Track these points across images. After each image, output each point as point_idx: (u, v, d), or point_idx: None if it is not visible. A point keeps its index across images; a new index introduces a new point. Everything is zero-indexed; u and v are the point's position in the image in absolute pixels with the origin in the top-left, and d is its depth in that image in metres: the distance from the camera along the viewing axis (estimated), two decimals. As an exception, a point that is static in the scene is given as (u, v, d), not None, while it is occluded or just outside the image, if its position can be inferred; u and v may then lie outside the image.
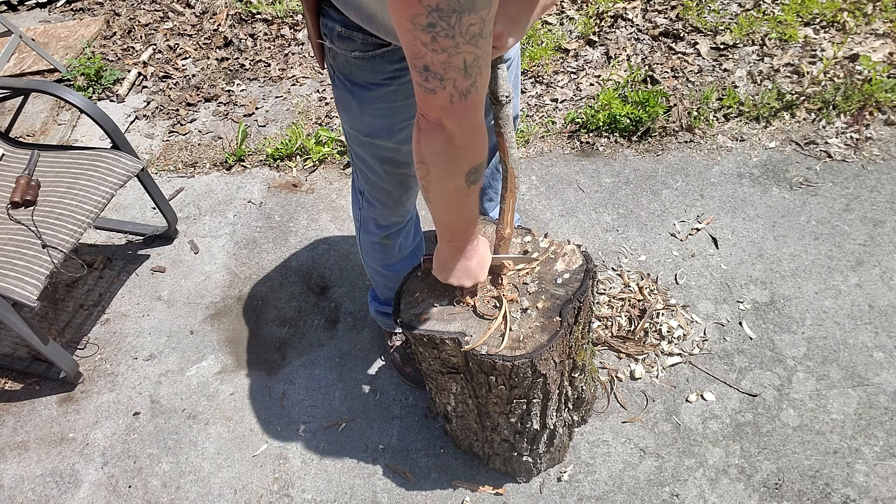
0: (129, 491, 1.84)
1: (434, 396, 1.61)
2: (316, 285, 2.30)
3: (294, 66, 3.30)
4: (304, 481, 1.80)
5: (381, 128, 1.30)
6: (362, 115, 1.28)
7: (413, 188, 1.56)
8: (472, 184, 1.02)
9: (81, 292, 2.38)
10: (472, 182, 1.02)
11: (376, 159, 1.40)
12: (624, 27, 3.13)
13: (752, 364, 1.88)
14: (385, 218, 1.59)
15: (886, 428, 1.71)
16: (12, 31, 3.22)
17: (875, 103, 2.50)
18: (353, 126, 1.35)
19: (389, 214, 1.58)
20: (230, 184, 2.74)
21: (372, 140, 1.34)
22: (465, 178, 1.00)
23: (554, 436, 1.60)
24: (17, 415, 2.06)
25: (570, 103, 2.82)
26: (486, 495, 1.71)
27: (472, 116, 0.90)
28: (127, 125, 3.09)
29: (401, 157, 1.39)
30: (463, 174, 0.99)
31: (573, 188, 2.47)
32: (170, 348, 2.17)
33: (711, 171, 2.44)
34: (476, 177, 1.01)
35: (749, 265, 2.12)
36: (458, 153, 0.95)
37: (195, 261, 2.44)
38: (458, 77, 0.83)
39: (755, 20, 2.96)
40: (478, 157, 0.99)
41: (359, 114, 1.29)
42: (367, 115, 1.28)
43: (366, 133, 1.33)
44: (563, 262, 1.39)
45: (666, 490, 1.67)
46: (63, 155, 2.18)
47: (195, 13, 3.75)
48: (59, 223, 1.96)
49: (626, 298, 2.06)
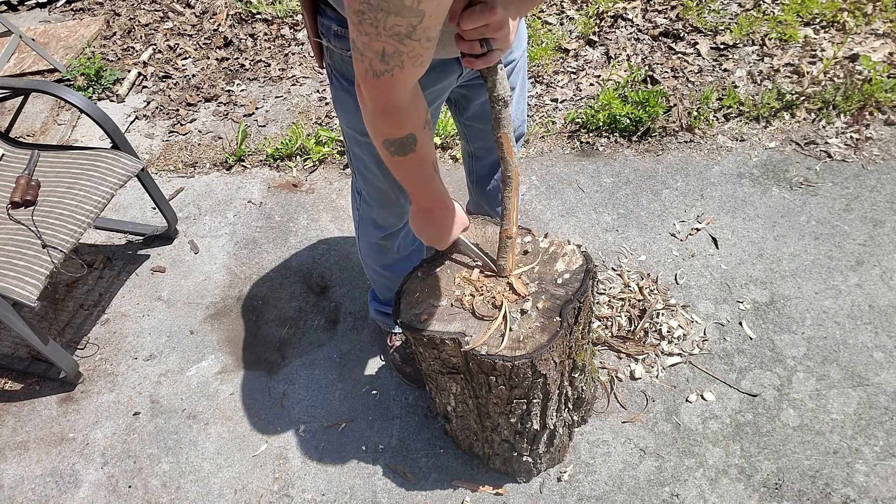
0: (129, 491, 1.84)
1: (434, 396, 1.61)
2: (316, 285, 2.30)
3: (294, 66, 3.30)
4: (304, 481, 1.80)
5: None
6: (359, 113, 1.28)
7: None
8: (394, 154, 1.11)
9: (81, 292, 2.38)
10: (395, 153, 1.11)
11: (373, 159, 1.40)
12: (624, 27, 3.13)
13: (752, 364, 1.88)
14: (383, 219, 1.60)
15: (886, 428, 1.71)
16: (12, 31, 3.22)
17: (875, 103, 2.50)
18: (350, 125, 1.35)
19: (387, 215, 1.58)
20: (230, 184, 2.74)
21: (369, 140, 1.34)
22: (384, 146, 1.10)
23: (554, 436, 1.60)
24: (17, 415, 2.06)
25: (570, 103, 2.82)
26: (486, 495, 1.71)
27: (382, 96, 0.99)
28: (127, 125, 3.09)
29: None
30: (381, 141, 1.09)
31: (573, 188, 2.47)
32: (170, 348, 2.17)
33: (711, 171, 2.44)
34: (396, 149, 1.10)
35: (749, 265, 2.12)
36: (370, 120, 1.06)
37: (195, 261, 2.44)
38: (374, 59, 0.91)
39: (755, 20, 2.96)
40: (391, 133, 1.07)
41: (355, 113, 1.29)
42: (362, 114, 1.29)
43: (362, 132, 1.33)
44: (563, 262, 1.39)
45: (666, 490, 1.67)
46: (63, 155, 2.18)
47: (195, 13, 3.75)
48: (59, 223, 1.96)
49: (626, 298, 2.06)
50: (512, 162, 1.19)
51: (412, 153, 1.12)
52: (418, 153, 1.12)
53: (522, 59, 1.49)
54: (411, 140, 1.09)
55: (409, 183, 1.22)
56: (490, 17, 0.94)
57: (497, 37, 0.98)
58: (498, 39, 0.99)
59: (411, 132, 1.08)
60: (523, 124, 1.65)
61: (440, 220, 1.32)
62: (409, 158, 1.13)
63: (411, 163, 1.14)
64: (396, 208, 1.56)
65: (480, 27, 0.95)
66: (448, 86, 1.34)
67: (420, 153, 1.13)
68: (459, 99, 1.51)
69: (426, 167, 1.18)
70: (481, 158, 1.72)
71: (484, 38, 0.98)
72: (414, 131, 1.08)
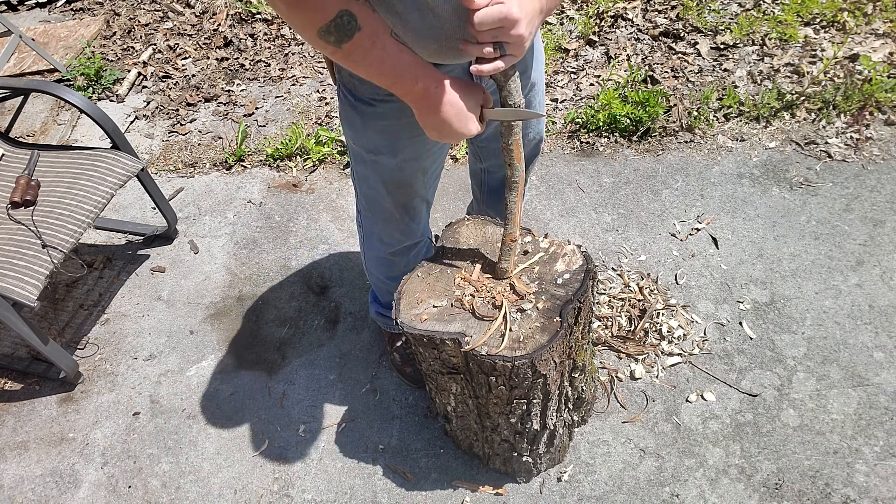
0: (129, 491, 1.84)
1: (434, 397, 1.61)
2: (316, 285, 2.30)
3: (294, 66, 3.30)
4: (304, 481, 1.80)
5: (384, 144, 1.28)
6: (365, 130, 1.27)
7: (419, 213, 1.54)
8: (338, 42, 0.94)
9: (81, 292, 2.38)
10: (338, 41, 0.94)
11: (379, 179, 1.38)
12: (624, 27, 3.13)
13: (752, 364, 1.88)
14: (388, 235, 1.58)
15: (886, 428, 1.71)
16: (12, 31, 3.22)
17: (875, 103, 2.50)
18: (357, 142, 1.34)
19: (392, 231, 1.56)
20: (230, 184, 2.74)
21: (375, 157, 1.33)
22: (321, 38, 0.94)
23: (554, 436, 1.60)
24: (17, 415, 2.06)
25: (570, 103, 2.82)
26: (486, 495, 1.71)
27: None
28: (127, 125, 3.09)
29: (404, 176, 1.38)
30: (313, 34, 0.93)
31: (573, 188, 2.47)
32: (170, 348, 2.17)
33: (711, 171, 2.44)
34: (336, 36, 0.93)
35: (749, 265, 2.12)
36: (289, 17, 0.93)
37: (195, 261, 2.44)
38: None
39: (755, 20, 2.96)
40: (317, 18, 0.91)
41: (362, 130, 1.28)
42: (369, 131, 1.26)
43: (369, 150, 1.32)
44: (564, 263, 1.39)
45: (666, 490, 1.67)
46: (63, 155, 2.18)
47: (195, 13, 3.75)
48: (59, 223, 1.96)
49: (626, 298, 2.06)
50: (520, 167, 1.19)
51: (358, 32, 0.93)
52: (366, 30, 0.94)
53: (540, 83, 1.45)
54: (348, 18, 0.92)
55: (379, 72, 1.01)
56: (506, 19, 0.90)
57: (513, 41, 0.93)
58: (512, 44, 0.94)
59: (342, 7, 0.91)
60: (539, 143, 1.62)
61: (447, 100, 1.05)
62: (357, 41, 0.94)
63: (364, 44, 0.95)
64: (401, 226, 1.54)
65: (496, 28, 0.92)
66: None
67: (368, 29, 0.95)
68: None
69: (385, 42, 0.97)
70: (495, 173, 1.69)
71: (498, 41, 0.94)
72: (345, 6, 0.91)
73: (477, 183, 1.81)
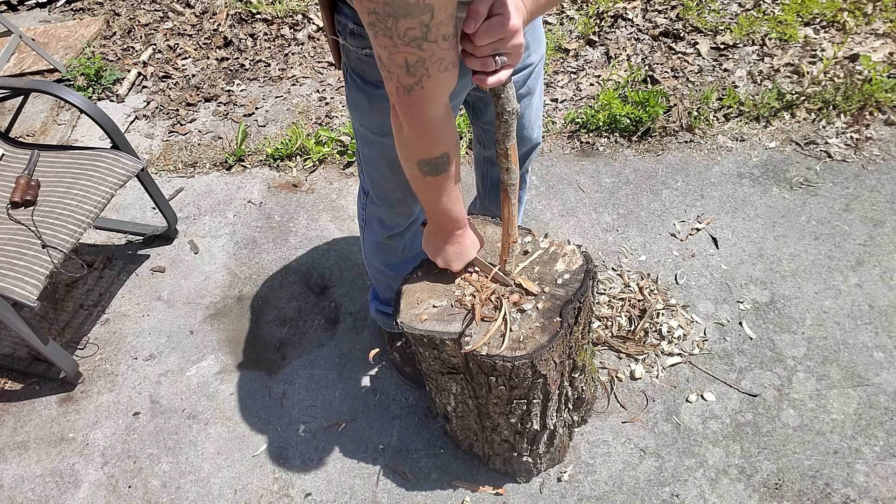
0: (129, 491, 1.84)
1: (434, 397, 1.61)
2: (316, 285, 2.30)
3: (294, 66, 3.30)
4: (304, 481, 1.80)
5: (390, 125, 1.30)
6: (371, 112, 1.29)
7: None
8: (427, 174, 1.11)
9: (81, 292, 2.38)
10: (427, 173, 1.11)
11: (383, 159, 1.39)
12: (624, 27, 3.13)
13: (752, 364, 1.88)
14: (390, 218, 1.59)
15: (886, 428, 1.71)
16: (12, 31, 3.22)
17: (875, 103, 2.50)
18: (363, 123, 1.35)
19: (394, 215, 1.58)
20: (230, 184, 2.74)
21: (381, 138, 1.34)
22: (418, 166, 1.10)
23: (554, 436, 1.60)
24: (17, 415, 2.06)
25: (570, 103, 2.82)
26: (486, 495, 1.71)
27: (416, 112, 0.99)
28: (127, 125, 3.09)
29: None
30: (414, 162, 1.09)
31: (573, 188, 2.47)
32: (170, 348, 2.17)
33: (711, 171, 2.44)
34: (430, 169, 1.10)
35: (749, 265, 2.12)
36: (406, 141, 1.06)
37: (195, 261, 2.44)
38: (400, 73, 0.91)
39: (755, 20, 2.96)
40: (426, 152, 1.07)
41: (368, 111, 1.29)
42: (375, 114, 1.28)
43: (374, 130, 1.33)
44: (564, 263, 1.39)
45: (666, 490, 1.67)
46: (63, 155, 2.18)
47: (195, 13, 3.75)
48: (59, 223, 1.96)
49: (626, 298, 2.06)
50: (516, 171, 1.19)
51: (444, 173, 1.12)
52: (449, 173, 1.13)
53: (540, 64, 1.47)
54: (445, 159, 1.09)
55: (435, 204, 1.21)
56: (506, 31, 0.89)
57: (510, 51, 0.94)
58: (511, 54, 0.94)
59: (446, 151, 1.08)
60: (539, 131, 1.63)
61: (459, 242, 1.31)
62: (439, 179, 1.13)
63: (441, 183, 1.14)
64: (403, 208, 1.56)
65: (496, 41, 0.91)
66: (464, 86, 1.32)
67: (451, 173, 1.13)
68: (476, 102, 1.50)
69: (454, 188, 1.18)
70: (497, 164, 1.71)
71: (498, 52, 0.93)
72: (448, 150, 1.09)
73: (480, 175, 1.81)
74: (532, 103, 1.51)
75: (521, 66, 1.40)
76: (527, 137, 1.60)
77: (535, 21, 1.40)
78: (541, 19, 1.46)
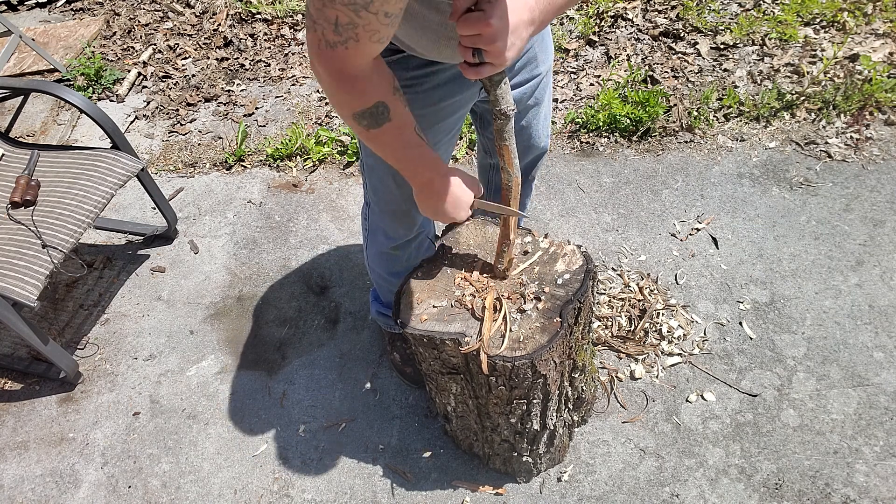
0: (129, 491, 1.84)
1: (434, 397, 1.61)
2: (316, 285, 2.30)
3: (294, 66, 3.30)
4: (304, 481, 1.80)
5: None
6: None
7: None
8: (369, 127, 1.03)
9: (81, 292, 2.38)
10: (370, 126, 1.03)
11: (388, 171, 1.38)
12: (624, 27, 3.13)
13: (752, 364, 1.88)
14: (394, 230, 1.58)
15: (886, 428, 1.71)
16: (12, 31, 3.22)
17: (875, 103, 2.50)
18: None
19: (398, 226, 1.57)
20: (230, 184, 2.74)
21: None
22: (356, 120, 1.02)
23: (554, 436, 1.60)
24: (17, 415, 2.06)
25: (570, 103, 2.82)
26: (486, 495, 1.71)
27: (337, 66, 0.93)
28: (127, 125, 3.09)
29: None
30: (350, 116, 1.02)
31: (573, 188, 2.47)
32: (170, 348, 2.17)
33: (711, 171, 2.44)
34: (370, 121, 1.02)
35: (749, 265, 2.12)
36: (332, 94, 0.99)
37: (195, 261, 2.44)
38: (327, 29, 0.87)
39: (755, 20, 2.96)
40: (358, 103, 1.00)
41: None
42: None
43: None
44: (564, 263, 1.39)
45: (666, 490, 1.67)
46: (63, 155, 2.18)
47: (195, 13, 3.75)
48: (59, 223, 1.96)
49: (626, 298, 2.06)
50: (512, 173, 1.19)
51: (387, 123, 1.03)
52: (395, 122, 1.04)
53: (548, 75, 1.45)
54: (383, 108, 1.01)
55: (396, 158, 1.13)
56: (483, 27, 0.89)
57: (489, 50, 0.92)
58: (490, 53, 0.93)
59: (379, 100, 1.00)
60: (547, 140, 1.62)
61: (446, 190, 1.19)
62: (385, 130, 1.04)
63: (390, 134, 1.06)
64: (407, 219, 1.54)
65: (473, 35, 0.91)
66: (470, 98, 1.31)
67: (397, 122, 1.04)
68: (484, 113, 1.49)
69: (408, 135, 1.08)
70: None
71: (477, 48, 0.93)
72: (382, 98, 1.00)
73: (484, 180, 1.81)
74: (539, 113, 1.50)
75: (529, 76, 1.38)
76: (533, 146, 1.59)
77: (545, 32, 1.38)
78: (550, 31, 1.44)
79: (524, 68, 1.36)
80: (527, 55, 1.35)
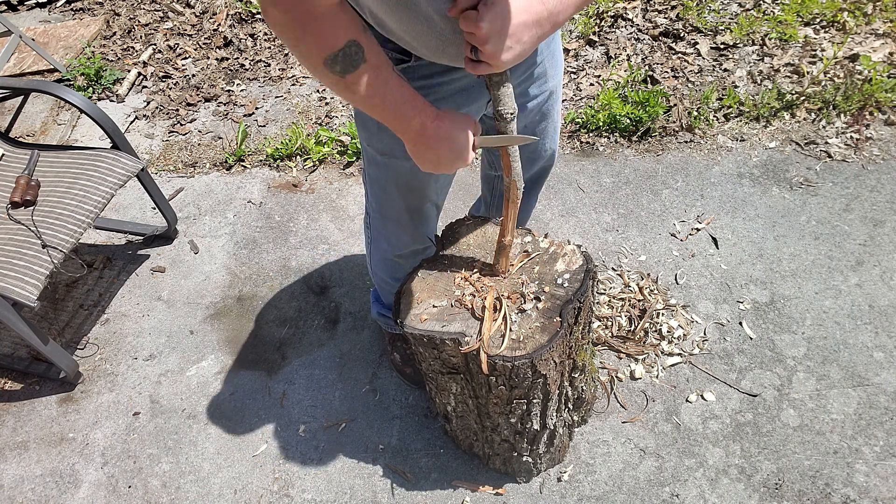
0: (129, 491, 1.84)
1: (434, 397, 1.61)
2: (316, 285, 2.30)
3: (294, 66, 3.30)
4: (304, 481, 1.80)
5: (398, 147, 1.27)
6: (379, 132, 1.26)
7: (429, 218, 1.53)
8: (344, 73, 0.92)
9: (81, 292, 2.38)
10: (343, 71, 0.92)
11: (391, 181, 1.38)
12: (624, 27, 3.13)
13: (752, 364, 1.88)
14: (396, 237, 1.57)
15: (886, 428, 1.71)
16: (12, 30, 3.22)
17: (875, 103, 2.50)
18: (370, 143, 1.33)
19: (401, 235, 1.56)
20: (230, 184, 2.74)
21: (388, 160, 1.32)
22: (328, 67, 0.92)
23: (554, 436, 1.60)
24: (17, 415, 2.06)
25: (570, 103, 2.82)
26: (486, 495, 1.71)
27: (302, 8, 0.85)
28: (127, 125, 3.09)
29: (416, 180, 1.36)
30: (321, 63, 0.91)
31: (573, 188, 2.47)
32: (170, 348, 2.17)
33: (711, 171, 2.44)
34: (343, 66, 0.92)
35: (749, 265, 2.12)
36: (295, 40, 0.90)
37: (195, 261, 2.44)
38: None
39: (755, 20, 2.96)
40: (326, 45, 0.89)
41: (376, 131, 1.27)
42: (384, 133, 1.25)
43: (382, 151, 1.31)
44: (564, 263, 1.39)
45: (666, 490, 1.67)
46: (63, 155, 2.18)
47: (195, 13, 3.75)
48: (59, 223, 1.96)
49: (626, 298, 2.06)
50: (510, 176, 1.19)
51: (363, 63, 0.92)
52: (371, 62, 0.93)
53: (558, 90, 1.43)
54: (355, 48, 0.91)
55: (380, 105, 1.00)
56: (474, 28, 0.89)
57: (482, 50, 0.92)
58: (483, 54, 0.92)
59: (350, 38, 0.90)
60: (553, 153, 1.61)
61: (443, 134, 1.06)
62: (361, 72, 0.93)
63: (368, 76, 0.94)
64: (409, 230, 1.53)
65: (468, 34, 0.91)
66: (476, 111, 1.30)
67: (373, 61, 0.94)
68: (490, 130, 1.48)
69: (387, 74, 0.97)
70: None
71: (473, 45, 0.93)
72: (354, 37, 0.90)
73: (489, 188, 1.81)
74: (548, 128, 1.50)
75: (538, 92, 1.36)
76: (539, 158, 1.59)
77: (556, 48, 1.36)
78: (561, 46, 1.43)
79: (534, 83, 1.34)
80: (537, 69, 1.31)
